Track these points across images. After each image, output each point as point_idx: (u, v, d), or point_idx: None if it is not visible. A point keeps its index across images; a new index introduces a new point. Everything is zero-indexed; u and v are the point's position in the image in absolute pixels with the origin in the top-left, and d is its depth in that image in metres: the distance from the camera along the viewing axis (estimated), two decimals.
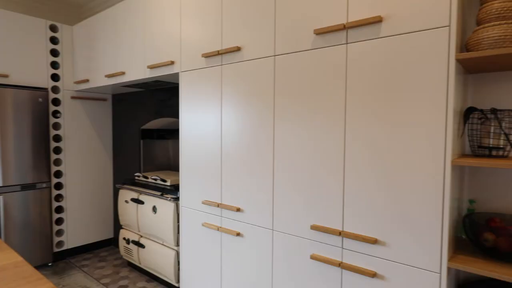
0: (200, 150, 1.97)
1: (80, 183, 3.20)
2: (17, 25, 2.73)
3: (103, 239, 3.44)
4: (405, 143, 1.20)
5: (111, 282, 2.72)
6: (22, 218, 2.79)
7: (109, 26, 2.65)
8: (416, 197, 1.18)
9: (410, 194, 1.20)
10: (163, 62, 2.11)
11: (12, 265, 1.06)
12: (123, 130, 3.30)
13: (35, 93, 2.81)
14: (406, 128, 1.20)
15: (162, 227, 2.45)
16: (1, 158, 2.65)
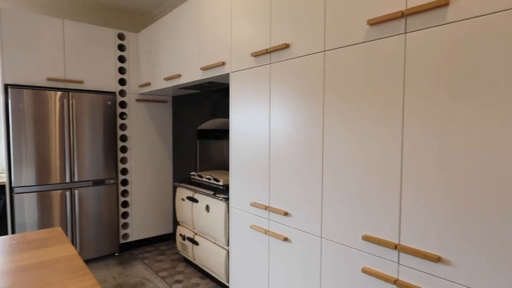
0: (249, 151, 1.94)
1: (143, 180, 3.42)
2: (90, 35, 3.01)
3: (163, 234, 3.63)
4: (493, 150, 1.02)
5: (168, 276, 2.85)
6: (94, 211, 3.07)
7: (167, 32, 2.78)
8: (504, 215, 0.99)
9: (494, 212, 1.01)
10: (215, 63, 2.14)
11: (66, 258, 1.13)
12: (182, 131, 3.45)
13: (105, 96, 3.07)
14: (493, 131, 1.01)
15: (214, 226, 2.49)
16: (77, 156, 2.94)
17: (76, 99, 2.91)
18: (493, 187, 0.99)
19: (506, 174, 0.96)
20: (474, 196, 1.03)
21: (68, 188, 2.92)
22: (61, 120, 2.85)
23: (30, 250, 1.22)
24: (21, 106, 2.67)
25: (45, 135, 2.78)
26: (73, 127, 2.91)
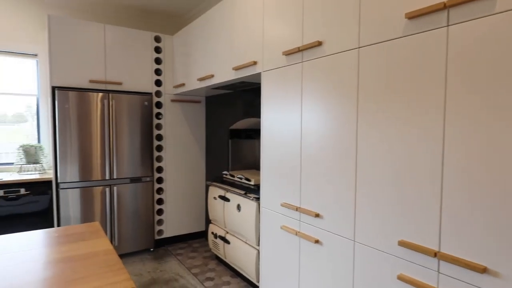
0: (280, 151, 1.92)
1: (177, 178, 3.52)
2: (129, 39, 3.14)
3: (195, 231, 3.71)
4: None
5: (200, 272, 2.90)
6: (131, 207, 3.20)
7: (200, 33, 2.83)
8: None
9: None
10: (247, 63, 2.14)
11: (102, 252, 1.18)
12: (214, 130, 3.50)
13: (142, 97, 3.19)
14: None
15: (245, 225, 2.49)
16: (116, 154, 3.08)
17: (115, 100, 3.05)
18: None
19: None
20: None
21: (108, 185, 3.07)
22: (102, 120, 3.00)
23: (71, 243, 1.29)
24: (67, 107, 2.84)
25: (87, 134, 2.94)
26: (113, 127, 3.05)
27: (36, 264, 1.08)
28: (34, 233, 1.42)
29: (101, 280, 0.96)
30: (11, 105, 3.31)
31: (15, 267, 1.06)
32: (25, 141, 3.33)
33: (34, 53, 3.29)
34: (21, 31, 3.22)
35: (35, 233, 1.42)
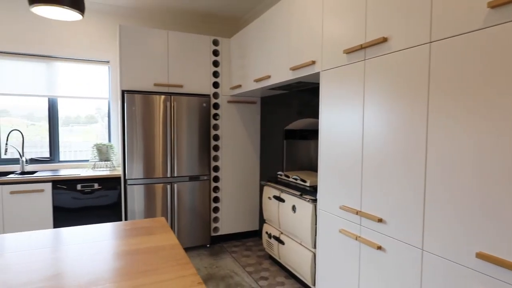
0: (339, 152, 1.86)
1: (233, 177, 3.60)
2: (189, 43, 3.29)
3: (249, 230, 3.76)
4: None
5: (254, 271, 2.93)
6: (189, 204, 3.35)
7: (257, 35, 2.86)
8: None
9: None
10: (305, 63, 2.11)
11: (169, 246, 1.25)
12: (269, 130, 3.52)
13: (200, 99, 3.32)
14: None
15: (300, 227, 2.47)
16: (177, 153, 3.25)
17: (176, 102, 3.22)
18: None
19: None
20: None
21: (169, 182, 3.25)
22: (164, 121, 3.18)
23: (140, 236, 1.39)
24: (134, 109, 3.06)
25: (151, 134, 3.14)
26: (174, 127, 3.23)
27: (109, 254, 1.18)
28: (107, 225, 1.55)
29: (170, 273, 1.02)
30: (84, 107, 3.66)
31: (91, 256, 1.16)
32: (95, 141, 3.67)
33: (106, 60, 3.61)
34: (96, 40, 3.55)
35: (108, 226, 1.55)
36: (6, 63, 3.26)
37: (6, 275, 0.99)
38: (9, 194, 2.80)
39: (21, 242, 1.29)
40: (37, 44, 3.33)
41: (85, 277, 0.99)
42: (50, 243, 1.28)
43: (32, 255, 1.16)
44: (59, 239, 1.33)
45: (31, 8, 1.05)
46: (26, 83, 3.33)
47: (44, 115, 3.49)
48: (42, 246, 1.25)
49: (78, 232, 1.42)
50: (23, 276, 0.99)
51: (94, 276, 1.00)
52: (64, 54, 3.43)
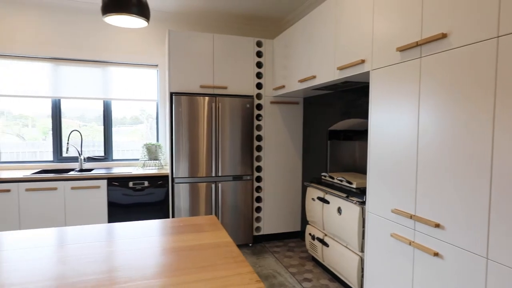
0: (391, 153, 1.80)
1: (275, 178, 3.61)
2: (233, 45, 3.36)
3: (291, 231, 3.75)
4: None
5: (297, 273, 2.92)
6: (232, 203, 3.41)
7: (301, 35, 2.85)
8: None
9: None
10: (353, 62, 2.07)
11: (223, 243, 1.28)
12: (312, 131, 3.48)
13: (244, 100, 3.37)
14: None
15: (346, 229, 2.42)
16: (221, 153, 3.33)
17: (221, 103, 3.29)
18: None
19: None
20: None
21: (213, 181, 3.33)
22: (208, 121, 3.27)
23: (193, 233, 1.44)
24: (180, 110, 3.18)
25: (196, 134, 3.25)
26: (219, 128, 3.31)
27: (165, 249, 1.24)
28: (160, 222, 1.62)
29: (227, 270, 1.05)
30: (129, 109, 3.86)
31: (148, 250, 1.23)
32: (140, 140, 3.86)
33: (155, 64, 3.78)
34: (145, 46, 3.74)
35: (161, 222, 1.62)
36: (66, 69, 3.54)
37: (65, 266, 1.07)
38: (70, 189, 3.03)
39: (80, 235, 1.39)
40: (94, 51, 3.58)
41: (145, 270, 1.05)
42: (106, 237, 1.37)
43: (90, 247, 1.24)
44: (114, 233, 1.42)
45: (104, 18, 1.15)
46: (85, 87, 3.60)
47: (94, 117, 3.74)
48: (99, 239, 1.34)
49: (133, 227, 1.51)
50: (80, 268, 1.07)
51: (154, 269, 1.05)
52: (117, 59, 3.66)
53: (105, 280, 0.97)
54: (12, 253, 1.17)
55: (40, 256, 1.15)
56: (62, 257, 1.15)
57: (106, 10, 1.09)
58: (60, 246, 1.25)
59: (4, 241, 1.30)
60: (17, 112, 3.52)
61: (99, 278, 0.98)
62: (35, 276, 0.99)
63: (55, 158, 3.60)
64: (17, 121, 3.52)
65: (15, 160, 3.51)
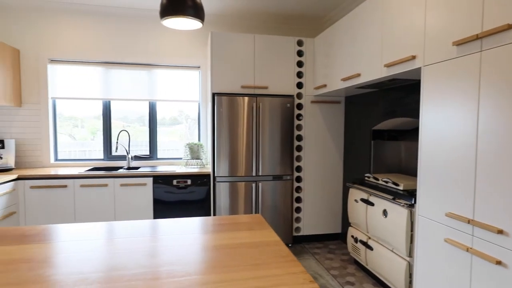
0: (445, 154, 1.70)
1: (315, 178, 3.56)
2: (274, 45, 3.36)
3: (331, 233, 3.68)
4: None
5: (339, 275, 2.86)
6: (272, 203, 3.41)
7: (345, 33, 2.78)
8: None
9: None
10: (402, 58, 1.98)
11: (272, 243, 1.29)
12: (354, 131, 3.39)
13: (284, 99, 3.36)
14: None
15: (392, 233, 2.32)
16: (261, 153, 3.35)
17: (262, 103, 3.31)
18: None
19: None
20: None
21: (254, 181, 3.36)
22: (248, 121, 3.30)
23: (241, 231, 1.46)
24: (221, 111, 3.24)
25: (237, 134, 3.29)
26: (259, 128, 3.33)
27: (214, 246, 1.26)
28: (205, 219, 1.66)
29: (279, 269, 1.05)
30: (168, 110, 3.99)
31: (198, 246, 1.26)
32: (179, 140, 3.98)
33: (197, 66, 3.89)
34: (188, 48, 3.85)
35: (206, 219, 1.66)
36: (116, 72, 3.74)
37: (114, 259, 1.13)
38: (119, 186, 3.21)
39: (127, 229, 1.45)
40: (141, 54, 3.75)
41: (196, 265, 1.08)
42: (154, 232, 1.42)
43: (138, 242, 1.30)
44: (163, 229, 1.47)
45: (162, 21, 1.21)
46: (133, 89, 3.78)
47: (136, 118, 3.91)
48: (147, 234, 1.40)
49: (179, 224, 1.55)
50: (129, 261, 1.12)
51: (205, 265, 1.08)
52: (162, 62, 3.80)
53: (156, 274, 1.01)
54: (69, 244, 1.26)
55: (92, 248, 1.23)
56: (111, 250, 1.21)
57: (165, 14, 1.14)
58: (110, 240, 1.32)
59: (62, 233, 1.40)
60: (68, 114, 3.78)
61: (147, 272, 1.03)
62: (88, 267, 1.06)
63: (105, 156, 3.82)
64: (68, 122, 3.79)
65: (67, 158, 3.78)
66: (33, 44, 3.53)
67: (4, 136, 3.52)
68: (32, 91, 3.56)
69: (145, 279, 0.97)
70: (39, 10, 3.52)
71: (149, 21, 3.75)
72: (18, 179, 3.04)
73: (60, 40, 3.58)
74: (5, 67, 3.24)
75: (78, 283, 0.94)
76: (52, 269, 1.04)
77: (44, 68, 3.57)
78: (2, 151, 3.31)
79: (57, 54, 3.58)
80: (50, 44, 3.56)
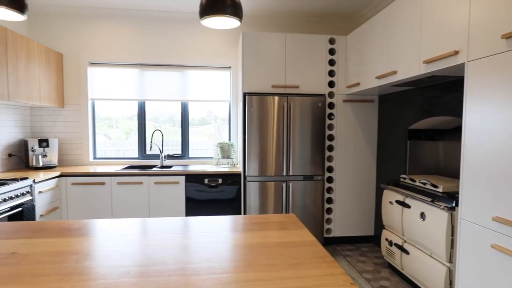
0: (492, 154, 1.60)
1: (347, 179, 3.49)
2: (305, 44, 3.32)
3: (363, 235, 3.58)
4: None
5: (372, 279, 2.77)
6: (302, 203, 3.38)
7: (380, 29, 2.70)
8: None
9: None
10: (443, 54, 1.89)
11: (309, 243, 1.27)
12: (388, 130, 3.28)
13: (315, 99, 3.32)
14: None
15: (431, 237, 2.22)
16: (292, 153, 3.32)
17: (293, 103, 3.29)
18: None
19: None
20: None
21: (284, 181, 3.34)
22: (278, 121, 3.28)
23: (275, 230, 1.45)
24: (252, 110, 3.25)
25: (267, 134, 3.28)
26: (290, 127, 3.30)
27: (250, 244, 1.26)
28: (239, 217, 1.66)
29: (318, 269, 1.03)
30: (198, 111, 4.05)
31: (233, 244, 1.26)
32: (209, 140, 4.02)
33: (228, 66, 3.93)
34: (219, 48, 3.90)
35: (240, 217, 1.66)
36: (150, 73, 3.86)
37: (148, 254, 1.15)
38: (153, 184, 3.30)
39: (160, 226, 1.49)
40: (174, 56, 3.85)
41: (234, 263, 1.08)
42: (190, 229, 1.44)
43: (170, 238, 1.32)
44: (197, 227, 1.49)
45: (201, 20, 1.23)
46: (166, 90, 3.89)
47: (166, 118, 4.01)
48: (181, 231, 1.42)
49: (212, 222, 1.57)
50: (165, 257, 1.14)
51: (244, 262, 1.08)
52: (194, 63, 3.88)
53: (196, 270, 1.03)
54: (107, 239, 1.31)
55: (131, 243, 1.27)
56: (145, 245, 1.24)
57: (204, 13, 1.16)
58: (144, 235, 1.36)
59: (101, 227, 1.46)
60: (103, 115, 3.95)
61: (186, 268, 1.04)
62: (124, 261, 1.09)
63: (140, 155, 3.95)
64: (103, 123, 3.95)
65: (103, 157, 3.94)
66: (74, 48, 3.72)
67: (48, 135, 3.73)
68: (73, 93, 3.75)
69: (184, 275, 0.99)
70: (81, 16, 3.70)
71: (181, 23, 3.84)
72: (61, 176, 3.22)
73: (99, 44, 3.75)
74: (50, 70, 3.44)
75: (122, 276, 0.98)
76: (96, 261, 1.09)
77: (85, 70, 3.75)
78: (47, 150, 3.51)
79: (96, 57, 3.75)
80: (90, 47, 3.74)
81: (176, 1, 3.49)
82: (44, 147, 3.48)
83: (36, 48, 3.19)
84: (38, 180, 2.85)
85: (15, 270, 1.02)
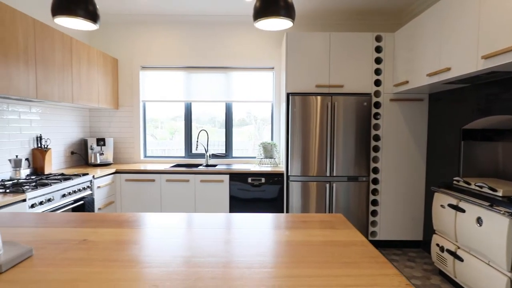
0: None
1: (394, 180, 3.37)
2: (350, 42, 3.26)
3: (411, 240, 3.44)
4: None
5: (422, 285, 2.66)
6: (346, 204, 3.32)
7: (431, 25, 2.58)
8: None
9: None
10: (505, 48, 1.77)
11: (359, 242, 1.26)
12: (440, 130, 3.12)
13: (360, 98, 3.24)
14: None
15: (489, 244, 2.09)
16: (336, 153, 3.28)
17: (337, 102, 3.24)
18: None
19: None
20: None
21: (328, 181, 3.30)
22: (321, 121, 3.26)
23: (324, 229, 1.45)
24: (295, 110, 3.26)
25: (310, 134, 3.27)
26: (334, 127, 3.26)
27: (299, 242, 1.28)
28: (285, 216, 1.68)
29: (371, 269, 1.02)
30: (238, 112, 4.12)
31: (284, 241, 1.29)
32: (249, 140, 4.08)
33: (271, 67, 3.97)
34: (263, 49, 3.96)
35: (286, 216, 1.68)
36: (196, 76, 4.01)
37: (192, 247, 1.20)
38: (199, 182, 3.44)
39: (205, 221, 1.55)
40: (218, 58, 3.97)
41: (286, 258, 1.10)
42: (235, 225, 1.49)
43: (215, 233, 1.37)
44: (245, 222, 1.53)
45: (255, 23, 1.28)
46: (211, 91, 4.02)
47: (207, 119, 4.13)
48: (227, 226, 1.47)
49: (259, 218, 1.60)
50: (217, 250, 1.18)
51: (296, 259, 1.10)
52: (238, 65, 3.97)
53: (249, 263, 1.06)
54: (155, 231, 1.40)
55: (173, 236, 1.34)
56: (190, 239, 1.31)
57: (258, 16, 1.21)
58: (189, 229, 1.43)
59: (151, 221, 1.56)
60: (150, 116, 4.17)
61: (240, 261, 1.08)
62: (170, 252, 1.16)
63: (186, 154, 4.13)
64: (150, 124, 4.17)
65: (152, 155, 4.16)
66: (128, 53, 3.98)
67: (104, 135, 4.03)
68: (126, 95, 4.01)
69: (238, 267, 1.03)
70: (133, 23, 3.95)
71: (226, 26, 3.95)
72: (116, 173, 3.46)
73: (150, 49, 3.97)
74: (107, 74, 3.71)
75: (180, 265, 1.05)
76: (155, 251, 1.17)
77: (137, 74, 3.99)
78: (104, 148, 3.79)
79: (147, 61, 3.98)
80: (141, 52, 3.97)
81: (221, 6, 3.60)
82: (101, 146, 3.76)
83: (95, 54, 3.46)
84: (96, 176, 3.09)
85: (87, 254, 1.13)
